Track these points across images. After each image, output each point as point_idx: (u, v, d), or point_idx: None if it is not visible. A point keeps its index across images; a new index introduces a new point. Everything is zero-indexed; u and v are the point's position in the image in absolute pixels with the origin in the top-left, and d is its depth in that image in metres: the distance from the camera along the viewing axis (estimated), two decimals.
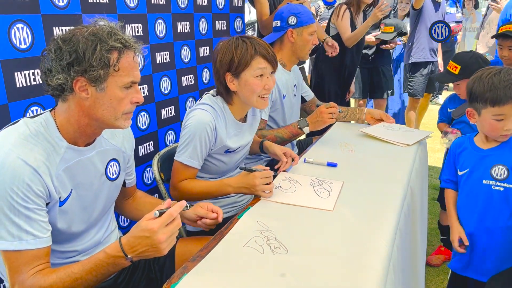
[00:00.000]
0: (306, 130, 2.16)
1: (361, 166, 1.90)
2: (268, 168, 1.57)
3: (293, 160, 1.80)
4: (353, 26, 3.34)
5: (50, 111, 1.17)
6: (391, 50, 4.13)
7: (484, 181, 1.60)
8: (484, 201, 1.61)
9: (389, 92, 4.11)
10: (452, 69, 2.21)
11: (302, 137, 2.45)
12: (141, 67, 2.14)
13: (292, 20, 2.21)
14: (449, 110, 2.30)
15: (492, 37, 2.82)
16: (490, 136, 1.63)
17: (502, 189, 1.57)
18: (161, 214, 1.05)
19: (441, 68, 4.40)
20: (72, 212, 1.19)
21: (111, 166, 1.30)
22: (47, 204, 1.11)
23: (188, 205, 1.16)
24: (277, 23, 2.27)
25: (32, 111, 1.55)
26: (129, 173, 1.43)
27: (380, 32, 3.79)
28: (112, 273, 1.10)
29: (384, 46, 3.88)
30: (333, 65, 3.36)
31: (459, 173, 1.68)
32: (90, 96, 1.10)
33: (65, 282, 1.05)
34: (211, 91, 1.77)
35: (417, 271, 1.85)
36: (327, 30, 3.40)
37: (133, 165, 1.45)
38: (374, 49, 3.95)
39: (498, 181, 1.57)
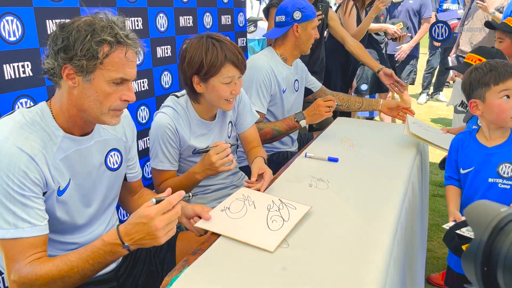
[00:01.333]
0: (303, 123, 2.15)
1: (362, 161, 1.90)
2: (221, 142, 1.56)
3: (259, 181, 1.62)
4: (358, 22, 3.38)
5: (46, 101, 1.17)
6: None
7: (490, 179, 1.56)
8: (490, 199, 1.57)
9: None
10: (475, 62, 2.04)
11: (301, 130, 2.45)
12: (141, 60, 2.13)
13: (297, 15, 2.20)
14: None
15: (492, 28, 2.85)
16: (499, 124, 1.55)
17: (508, 186, 1.54)
18: (159, 202, 1.03)
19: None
20: (71, 202, 1.19)
21: (111, 156, 1.29)
22: (44, 193, 1.10)
23: (191, 194, 1.14)
24: (281, 18, 2.24)
25: (21, 103, 1.54)
26: (131, 166, 1.42)
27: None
28: (109, 262, 1.08)
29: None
30: (340, 61, 3.38)
31: (462, 171, 1.62)
32: (77, 85, 1.09)
33: (61, 270, 1.03)
34: (178, 92, 1.75)
35: (417, 265, 1.86)
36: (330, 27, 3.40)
37: (135, 158, 1.44)
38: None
39: (505, 179, 1.53)
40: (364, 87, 4.01)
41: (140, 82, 2.15)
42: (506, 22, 2.60)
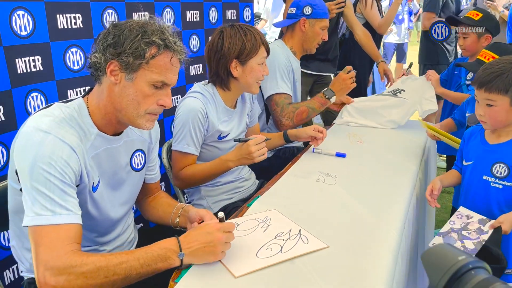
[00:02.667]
0: (333, 99, 2.21)
1: (370, 156, 1.90)
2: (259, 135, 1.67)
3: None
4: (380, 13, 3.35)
5: (83, 97, 1.18)
6: None
7: (484, 177, 1.49)
8: (481, 197, 1.51)
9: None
10: (488, 59, 1.93)
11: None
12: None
13: (308, 10, 2.24)
14: (467, 115, 2.01)
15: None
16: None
17: (500, 186, 1.46)
18: (222, 219, 1.10)
19: None
20: (102, 200, 1.20)
21: (136, 156, 1.30)
22: (77, 185, 1.10)
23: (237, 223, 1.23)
24: (292, 10, 2.30)
25: (33, 98, 1.56)
26: (151, 168, 1.41)
27: None
28: (157, 269, 1.03)
29: None
30: (366, 58, 3.33)
31: (464, 163, 1.58)
32: (119, 82, 1.10)
33: (110, 261, 0.99)
34: (202, 82, 1.80)
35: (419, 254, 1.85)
36: None
37: (156, 160, 1.43)
38: None
39: (497, 178, 1.46)
40: None
41: None
42: (469, 16, 2.42)
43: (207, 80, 1.79)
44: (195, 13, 2.46)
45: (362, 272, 1.08)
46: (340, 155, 1.89)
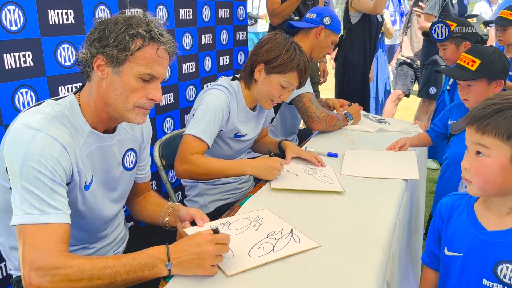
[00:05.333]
0: (350, 123, 2.31)
1: None
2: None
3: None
4: None
5: (75, 93, 1.17)
6: None
7: (485, 282, 1.01)
8: None
9: None
10: (468, 63, 1.73)
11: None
12: (167, 78, 2.12)
13: (327, 20, 2.30)
14: (449, 123, 1.88)
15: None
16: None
17: None
18: (217, 230, 1.04)
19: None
20: (94, 198, 1.19)
21: (128, 155, 1.29)
22: (68, 184, 1.09)
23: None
24: (312, 15, 2.34)
25: (22, 94, 1.53)
26: (142, 167, 1.40)
27: None
28: (144, 277, 1.00)
29: None
30: (364, 56, 3.37)
31: (447, 252, 1.10)
32: (106, 76, 1.09)
33: (95, 265, 0.97)
34: (227, 76, 1.81)
35: (414, 260, 1.88)
36: (348, 22, 3.38)
37: (146, 159, 1.42)
38: None
39: (506, 285, 0.99)
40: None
41: None
42: None
43: (233, 76, 1.80)
44: (188, 11, 2.45)
45: (354, 271, 1.09)
46: (332, 155, 1.90)
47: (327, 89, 7.24)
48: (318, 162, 1.75)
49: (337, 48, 3.44)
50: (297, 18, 2.91)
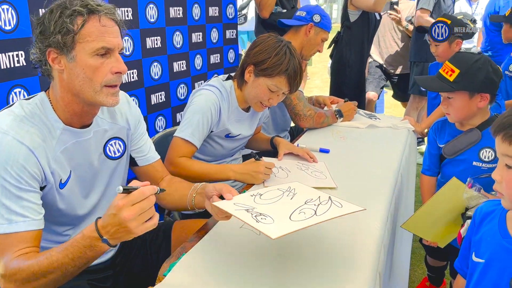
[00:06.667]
0: (340, 120, 2.33)
1: (353, 152, 1.94)
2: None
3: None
4: None
5: (46, 91, 1.15)
6: None
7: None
8: None
9: None
10: (447, 72, 1.56)
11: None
12: (130, 51, 2.12)
13: (317, 18, 2.32)
14: (440, 146, 1.69)
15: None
16: None
17: None
18: (129, 190, 0.94)
19: None
20: (73, 194, 1.18)
21: (111, 145, 1.27)
22: (43, 187, 1.09)
23: (159, 189, 1.01)
24: (302, 13, 2.37)
25: (16, 93, 1.53)
26: (138, 150, 1.37)
27: None
28: (91, 258, 1.01)
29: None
30: (361, 55, 3.39)
31: (474, 258, 1.05)
32: (64, 67, 1.07)
33: (41, 264, 0.98)
34: (221, 76, 1.80)
35: (404, 252, 1.91)
36: (347, 20, 3.40)
37: (143, 141, 1.39)
38: None
39: None
40: None
41: (130, 73, 2.15)
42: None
43: (227, 75, 1.80)
44: (179, 10, 2.45)
45: (349, 262, 1.11)
46: (324, 150, 1.92)
47: (317, 87, 7.30)
48: (311, 158, 1.78)
49: (333, 45, 3.46)
50: (279, 9, 2.93)
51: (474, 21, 3.01)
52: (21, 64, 1.53)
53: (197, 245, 1.15)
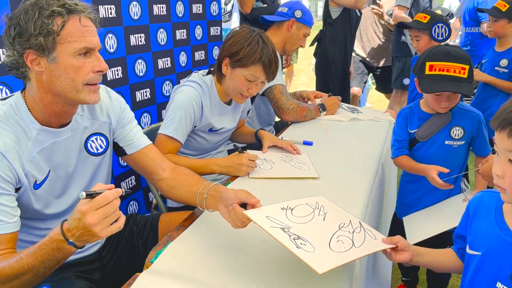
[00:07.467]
0: (323, 114, 2.37)
1: (336, 144, 1.99)
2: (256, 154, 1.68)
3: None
4: None
5: (21, 92, 1.14)
6: None
7: (499, 285, 0.94)
8: None
9: None
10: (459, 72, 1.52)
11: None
12: (114, 48, 2.13)
13: (298, 13, 2.37)
14: (410, 132, 1.69)
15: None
16: None
17: None
18: (92, 195, 0.94)
19: None
20: (50, 193, 1.18)
21: (92, 141, 1.28)
22: (18, 189, 1.10)
23: (124, 191, 1.00)
24: (283, 9, 2.41)
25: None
26: (124, 139, 1.35)
27: None
28: (60, 259, 1.01)
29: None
30: (345, 52, 3.43)
31: (468, 251, 1.04)
32: (45, 69, 1.06)
33: (13, 268, 0.99)
34: (201, 71, 1.82)
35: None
36: (329, 17, 3.43)
37: (129, 130, 1.37)
38: None
39: None
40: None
41: (114, 70, 2.15)
42: (418, 19, 2.55)
43: (207, 70, 1.81)
44: (162, 7, 2.47)
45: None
46: (307, 143, 1.97)
47: (303, 84, 7.36)
48: (294, 150, 1.81)
49: (316, 43, 3.51)
50: (260, 4, 2.97)
51: (451, 16, 3.07)
52: (2, 62, 1.53)
53: (183, 234, 1.18)
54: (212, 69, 1.85)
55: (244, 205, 1.11)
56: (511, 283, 0.91)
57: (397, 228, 1.78)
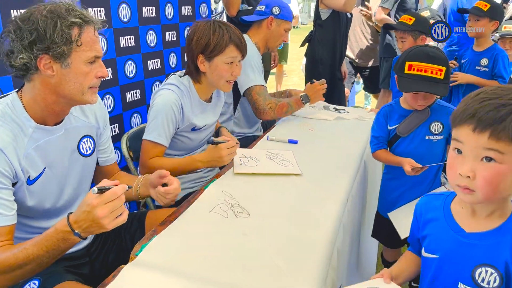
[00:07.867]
0: (307, 105, 2.37)
1: (320, 142, 2.04)
2: (231, 138, 1.70)
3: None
4: None
5: (17, 91, 1.19)
6: None
7: (461, 285, 0.94)
8: None
9: None
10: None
11: None
12: (104, 50, 2.17)
13: (276, 10, 2.39)
14: (390, 128, 1.71)
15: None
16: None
17: None
18: (102, 190, 1.02)
19: None
20: (44, 190, 1.23)
21: (84, 142, 1.34)
22: (15, 184, 1.14)
23: (128, 186, 1.10)
24: (261, 7, 2.43)
25: None
26: (103, 150, 1.46)
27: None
28: (64, 249, 1.08)
29: None
30: (334, 53, 3.47)
31: (424, 254, 1.03)
32: (56, 73, 1.12)
33: (17, 257, 1.04)
34: (178, 72, 1.85)
35: (364, 232, 2.02)
36: (319, 19, 3.47)
37: (107, 143, 1.48)
38: None
39: None
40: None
41: None
42: (403, 21, 2.62)
43: (184, 71, 1.84)
44: (151, 9, 2.51)
45: (307, 239, 1.21)
46: (292, 141, 2.02)
47: (294, 84, 7.42)
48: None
49: (307, 44, 3.55)
50: (246, 7, 3.01)
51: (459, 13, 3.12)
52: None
53: (168, 228, 1.23)
54: (186, 71, 1.85)
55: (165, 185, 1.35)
56: (473, 283, 0.91)
57: (380, 225, 1.84)
